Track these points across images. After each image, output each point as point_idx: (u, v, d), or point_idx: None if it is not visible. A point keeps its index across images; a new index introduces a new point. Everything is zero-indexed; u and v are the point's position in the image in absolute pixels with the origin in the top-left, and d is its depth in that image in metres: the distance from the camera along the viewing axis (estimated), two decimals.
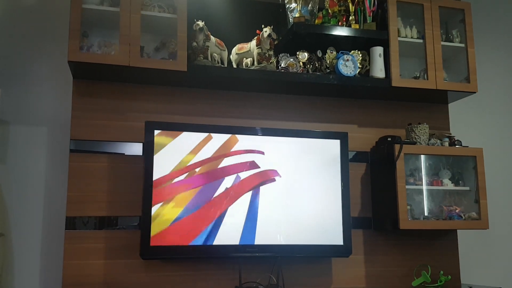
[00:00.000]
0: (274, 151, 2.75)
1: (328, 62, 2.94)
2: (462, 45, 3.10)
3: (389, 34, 2.94)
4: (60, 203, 2.68)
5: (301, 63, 2.91)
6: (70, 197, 2.60)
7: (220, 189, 2.64)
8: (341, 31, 2.89)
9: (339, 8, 2.99)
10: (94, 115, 2.71)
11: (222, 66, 2.83)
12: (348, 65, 2.89)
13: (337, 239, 2.76)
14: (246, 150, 2.72)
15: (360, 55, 2.99)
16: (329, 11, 2.99)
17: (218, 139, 2.68)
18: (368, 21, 2.99)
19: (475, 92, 3.07)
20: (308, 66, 2.93)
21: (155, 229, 2.51)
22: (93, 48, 2.65)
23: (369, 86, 2.92)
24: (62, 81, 2.82)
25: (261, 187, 2.70)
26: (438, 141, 3.00)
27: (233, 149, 2.70)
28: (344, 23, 2.97)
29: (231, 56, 2.92)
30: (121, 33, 2.55)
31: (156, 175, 2.55)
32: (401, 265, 3.03)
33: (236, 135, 2.71)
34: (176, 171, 2.59)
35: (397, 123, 3.17)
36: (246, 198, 2.67)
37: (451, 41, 3.12)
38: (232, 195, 2.65)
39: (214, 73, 2.72)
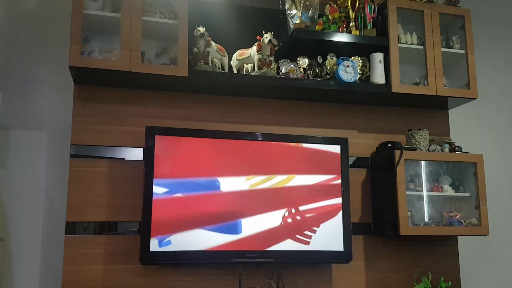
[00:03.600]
0: (274, 156, 2.75)
1: (328, 68, 2.95)
2: (462, 51, 3.11)
3: (389, 40, 2.95)
4: (60, 208, 2.68)
5: (301, 69, 2.92)
6: (70, 202, 2.60)
7: (220, 195, 2.64)
8: (341, 37, 2.90)
9: (340, 15, 3.00)
10: (94, 120, 2.71)
11: (223, 71, 2.84)
12: (349, 71, 2.90)
13: (338, 245, 2.75)
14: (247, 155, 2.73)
15: (361, 61, 3.00)
16: (330, 17, 3.00)
17: (218, 145, 2.69)
18: (368, 28, 3.00)
19: (475, 98, 3.08)
20: (309, 72, 2.93)
21: (154, 234, 2.51)
22: (94, 53, 2.66)
23: (369, 92, 2.93)
24: (63, 86, 2.82)
25: (262, 192, 2.69)
26: (438, 147, 3.00)
27: (234, 154, 2.71)
28: (345, 29, 2.98)
29: (231, 62, 2.92)
30: (122, 38, 2.56)
31: (156, 179, 2.55)
32: (401, 271, 3.02)
33: (237, 140, 2.71)
34: (177, 176, 2.59)
35: (397, 129, 3.18)
36: (247, 203, 2.67)
37: (451, 48, 3.13)
38: (232, 200, 2.65)
39: (215, 78, 2.73)
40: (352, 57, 2.98)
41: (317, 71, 2.95)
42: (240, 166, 2.69)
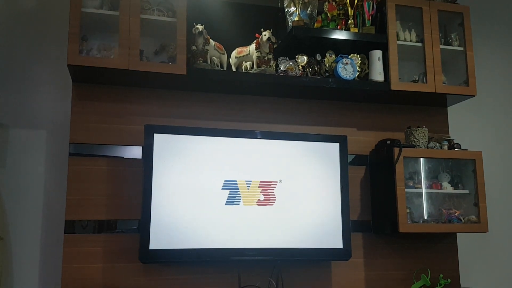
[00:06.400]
0: (273, 154, 2.75)
1: (327, 65, 2.95)
2: (461, 48, 3.11)
3: (388, 38, 2.94)
4: (59, 207, 2.68)
5: (300, 66, 2.91)
6: (69, 201, 2.60)
7: (220, 193, 2.64)
8: (340, 35, 2.90)
9: (338, 12, 3.00)
10: (93, 118, 2.71)
11: (222, 69, 2.83)
12: (347, 68, 2.89)
13: (337, 243, 2.75)
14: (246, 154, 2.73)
15: (359, 58, 3.00)
16: (328, 15, 2.99)
17: (218, 142, 2.68)
18: (367, 25, 3.00)
19: (474, 96, 3.08)
20: (307, 69, 2.93)
21: (154, 232, 2.51)
22: (93, 51, 2.65)
23: (368, 90, 2.93)
24: (61, 85, 2.82)
25: (260, 190, 2.69)
26: (437, 144, 3.01)
27: (233, 152, 2.71)
28: (343, 26, 2.98)
29: (230, 60, 2.92)
30: (120, 36, 2.55)
31: (155, 179, 2.55)
32: (400, 269, 3.03)
33: (236, 138, 2.71)
34: (176, 175, 2.59)
35: (396, 127, 3.18)
36: (246, 201, 2.67)
37: (450, 45, 3.12)
38: (232, 198, 2.65)
39: (214, 76, 2.73)
40: (351, 55, 2.97)
41: (316, 68, 2.95)
42: (239, 164, 2.69)
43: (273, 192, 2.71)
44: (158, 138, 2.60)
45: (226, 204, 2.64)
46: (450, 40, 3.14)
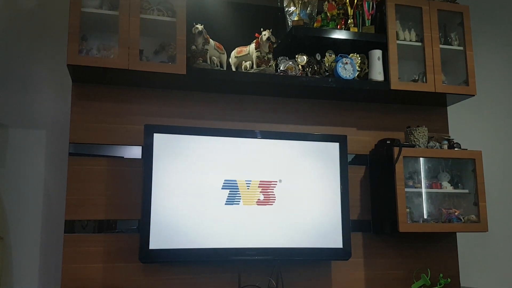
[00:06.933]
0: (273, 154, 2.75)
1: (327, 65, 2.95)
2: (461, 48, 3.11)
3: (387, 37, 2.94)
4: (59, 207, 2.68)
5: (300, 66, 2.91)
6: (69, 201, 2.60)
7: (220, 192, 2.64)
8: (339, 35, 2.90)
9: (338, 12, 3.00)
10: (93, 118, 2.71)
11: (221, 69, 2.83)
12: (347, 68, 2.89)
13: (337, 242, 2.75)
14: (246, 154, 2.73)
15: (359, 58, 3.00)
16: (328, 14, 3.00)
17: (217, 142, 2.68)
18: (366, 25, 3.00)
19: (473, 95, 3.08)
20: (307, 69, 2.93)
21: (154, 232, 2.51)
22: (92, 51, 2.65)
23: (368, 89, 2.93)
24: (61, 85, 2.82)
25: (260, 190, 2.70)
26: (437, 143, 3.01)
27: (233, 152, 2.71)
28: (343, 26, 2.98)
29: (230, 59, 2.92)
30: (120, 36, 2.55)
31: (155, 178, 2.55)
32: (400, 268, 3.03)
33: (236, 138, 2.71)
34: (176, 174, 2.59)
35: (396, 126, 3.18)
36: (246, 201, 2.67)
37: (450, 44, 3.13)
38: (232, 197, 2.65)
39: (213, 76, 2.73)
40: (351, 54, 2.97)
41: (315, 68, 2.95)
42: (239, 163, 2.69)
43: (273, 192, 2.71)
44: (158, 138, 2.60)
45: (226, 204, 2.64)
46: (450, 39, 3.14)
